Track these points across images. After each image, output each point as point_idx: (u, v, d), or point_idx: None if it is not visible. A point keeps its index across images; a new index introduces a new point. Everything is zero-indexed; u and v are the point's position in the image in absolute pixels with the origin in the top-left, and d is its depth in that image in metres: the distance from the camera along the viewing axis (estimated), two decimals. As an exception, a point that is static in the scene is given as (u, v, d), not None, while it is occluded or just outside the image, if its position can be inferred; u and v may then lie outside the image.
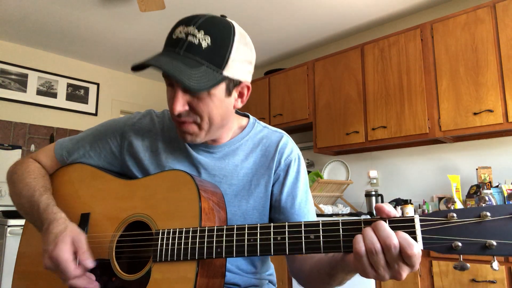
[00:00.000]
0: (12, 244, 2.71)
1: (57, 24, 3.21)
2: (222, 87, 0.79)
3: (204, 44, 0.75)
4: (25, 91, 3.57)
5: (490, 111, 2.29)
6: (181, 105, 0.78)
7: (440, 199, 2.65)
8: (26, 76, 3.60)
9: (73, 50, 3.75)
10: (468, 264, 0.58)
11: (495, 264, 0.56)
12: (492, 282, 1.95)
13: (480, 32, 2.38)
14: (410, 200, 2.59)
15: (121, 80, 4.33)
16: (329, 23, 3.23)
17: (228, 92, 0.81)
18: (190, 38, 0.75)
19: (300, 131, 3.61)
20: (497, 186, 2.30)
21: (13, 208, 3.28)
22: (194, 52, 0.75)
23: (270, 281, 1.01)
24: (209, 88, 0.75)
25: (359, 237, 0.60)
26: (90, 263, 0.76)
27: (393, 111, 2.72)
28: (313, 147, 3.23)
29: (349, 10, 3.02)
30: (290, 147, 0.95)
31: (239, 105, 0.87)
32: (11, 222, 2.75)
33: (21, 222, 2.78)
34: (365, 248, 0.59)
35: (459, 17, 2.48)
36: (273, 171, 0.92)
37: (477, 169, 2.49)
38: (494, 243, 0.54)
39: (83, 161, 0.98)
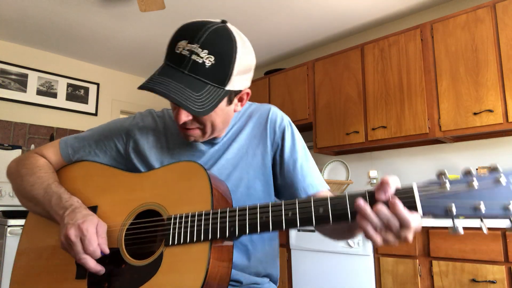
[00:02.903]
0: (12, 244, 2.71)
1: (57, 24, 3.21)
2: (224, 100, 0.84)
3: (207, 64, 0.78)
4: (25, 91, 3.57)
5: (490, 111, 2.29)
6: (185, 116, 0.82)
7: (440, 199, 2.65)
8: (26, 76, 3.60)
9: (73, 50, 3.75)
10: (462, 229, 0.64)
11: (484, 227, 0.64)
12: (492, 282, 1.95)
13: (480, 32, 2.38)
14: (410, 200, 2.60)
15: (121, 80, 4.33)
16: (329, 23, 3.23)
17: (229, 102, 0.86)
18: (194, 57, 0.77)
19: (300, 131, 3.56)
20: (497, 186, 2.30)
21: (13, 208, 3.25)
22: (198, 72, 0.78)
23: (272, 280, 1.02)
24: (212, 110, 0.80)
25: (367, 225, 0.65)
26: (106, 249, 0.81)
27: (393, 111, 2.72)
28: (313, 147, 3.23)
29: (349, 10, 3.02)
30: (280, 116, 1.00)
31: (239, 108, 0.92)
32: (11, 222, 2.75)
33: (21, 222, 2.78)
34: (376, 230, 0.65)
35: (459, 17, 2.48)
36: (270, 141, 0.97)
37: (477, 169, 2.49)
38: (483, 204, 0.61)
39: (89, 159, 1.01)
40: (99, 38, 3.50)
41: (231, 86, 0.82)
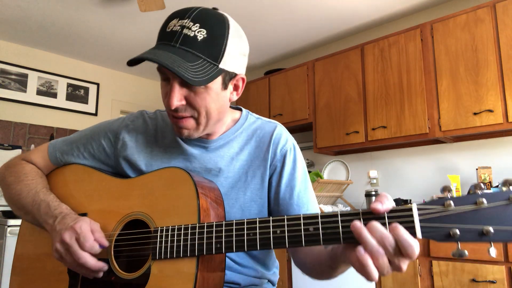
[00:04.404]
0: (12, 244, 2.71)
1: (57, 24, 3.21)
2: (218, 80, 0.79)
3: (199, 37, 0.75)
4: (25, 91, 3.57)
5: (490, 111, 2.29)
6: (177, 100, 0.78)
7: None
8: (26, 76, 3.60)
9: (73, 50, 3.75)
10: (466, 251, 0.58)
11: (492, 250, 0.56)
12: (492, 282, 1.95)
13: (480, 32, 2.38)
14: (410, 200, 2.60)
15: (121, 80, 4.33)
16: (329, 23, 3.23)
17: (224, 86, 0.82)
18: (185, 31, 0.75)
19: (300, 131, 3.61)
20: (497, 186, 2.30)
21: (13, 208, 3.19)
22: (190, 45, 0.74)
23: (270, 281, 1.01)
24: (207, 82, 0.75)
25: (362, 251, 0.58)
26: (105, 241, 0.79)
27: (393, 111, 2.72)
28: (313, 147, 3.23)
29: (349, 10, 3.02)
30: (284, 137, 0.94)
31: (235, 97, 0.88)
32: (11, 222, 2.75)
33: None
34: (370, 256, 0.58)
35: (459, 17, 2.48)
36: (269, 162, 0.91)
37: (477, 169, 2.49)
38: (491, 229, 0.54)
39: (77, 162, 0.98)
40: (99, 38, 3.50)
41: (225, 65, 0.78)
